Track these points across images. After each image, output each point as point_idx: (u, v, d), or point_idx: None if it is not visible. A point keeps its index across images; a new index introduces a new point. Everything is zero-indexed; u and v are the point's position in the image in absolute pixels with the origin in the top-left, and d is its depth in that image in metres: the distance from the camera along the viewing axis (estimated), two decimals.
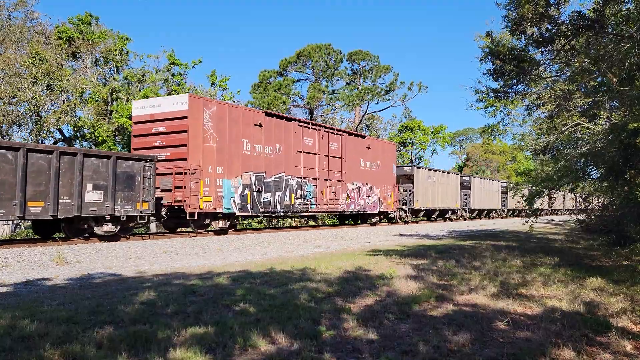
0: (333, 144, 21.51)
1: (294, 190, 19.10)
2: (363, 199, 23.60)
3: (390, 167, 26.23)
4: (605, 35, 9.34)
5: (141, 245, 12.41)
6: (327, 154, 21.09)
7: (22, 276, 7.81)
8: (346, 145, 22.36)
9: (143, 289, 6.32)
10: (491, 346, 4.32)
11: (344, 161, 22.16)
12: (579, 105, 12.48)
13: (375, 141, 25.77)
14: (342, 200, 21.83)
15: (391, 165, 26.39)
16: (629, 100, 9.51)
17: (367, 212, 24.12)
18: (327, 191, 20.81)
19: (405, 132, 58.13)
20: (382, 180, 25.35)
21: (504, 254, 11.14)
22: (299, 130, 19.65)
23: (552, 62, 11.15)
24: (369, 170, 24.24)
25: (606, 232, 15.04)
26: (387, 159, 26.11)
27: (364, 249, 13.00)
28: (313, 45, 41.47)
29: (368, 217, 25.26)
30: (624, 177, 11.02)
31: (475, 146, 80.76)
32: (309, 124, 20.57)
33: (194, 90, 31.12)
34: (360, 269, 8.38)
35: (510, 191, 19.16)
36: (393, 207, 26.24)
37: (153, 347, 3.96)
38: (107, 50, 28.60)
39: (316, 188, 20.23)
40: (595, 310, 5.64)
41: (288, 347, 4.10)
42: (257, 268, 8.46)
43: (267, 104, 37.26)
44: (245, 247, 13.27)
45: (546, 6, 9.02)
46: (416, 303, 5.82)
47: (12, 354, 3.75)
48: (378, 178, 24.91)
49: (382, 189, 25.33)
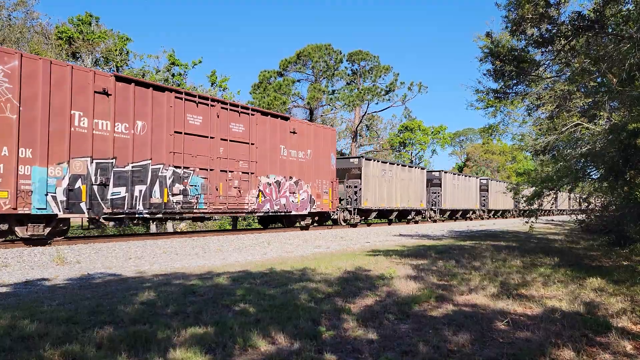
0: (236, 125, 16.65)
1: (167, 184, 14.34)
2: (285, 197, 18.75)
3: (327, 157, 21.14)
4: (605, 36, 9.35)
5: (141, 245, 12.41)
6: (227, 138, 16.19)
7: (22, 276, 7.80)
8: (258, 128, 17.51)
9: (143, 289, 6.32)
10: (491, 346, 4.33)
11: (253, 148, 17.27)
12: (579, 106, 12.49)
13: (304, 125, 20.28)
14: (250, 198, 17.06)
15: (329, 156, 21.27)
16: (629, 101, 9.52)
17: (292, 212, 19.25)
18: (226, 186, 16.10)
19: (405, 132, 58.17)
20: (316, 173, 20.34)
21: (504, 254, 11.14)
22: (179, 105, 14.76)
23: (552, 62, 11.16)
24: (294, 160, 19.25)
25: (606, 233, 15.05)
26: (323, 147, 20.99)
27: (363, 249, 13.00)
28: (313, 45, 41.52)
29: (295, 219, 20.71)
30: (624, 177, 11.02)
31: (475, 146, 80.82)
32: (195, 97, 15.35)
33: (194, 90, 31.15)
34: (360, 269, 8.38)
35: (510, 192, 19.12)
36: (331, 206, 21.26)
37: (153, 347, 3.96)
38: (107, 50, 28.62)
39: (207, 182, 15.48)
40: (595, 311, 5.64)
41: (288, 347, 4.10)
42: (257, 268, 8.46)
43: (267, 104, 37.27)
44: (245, 247, 13.27)
45: (546, 7, 9.03)
46: (416, 303, 5.82)
47: (12, 354, 3.75)
48: (309, 171, 19.94)
49: (316, 184, 20.35)
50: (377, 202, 25.94)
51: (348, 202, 24.34)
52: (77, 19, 29.14)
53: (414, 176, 30.36)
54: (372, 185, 25.60)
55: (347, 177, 24.86)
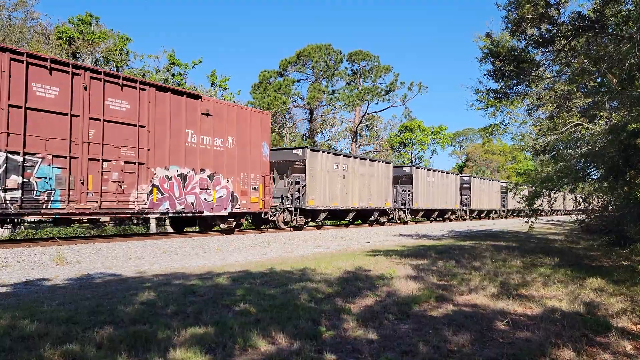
0: (117, 101, 12.97)
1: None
2: (194, 194, 15.03)
3: (258, 146, 17.35)
4: (605, 36, 9.35)
5: (141, 245, 12.41)
6: (101, 118, 12.53)
7: (22, 276, 7.81)
8: (153, 107, 13.85)
9: (143, 289, 6.32)
10: (491, 346, 4.33)
11: (144, 132, 13.62)
12: (579, 106, 12.49)
13: (224, 106, 16.21)
14: (139, 195, 13.42)
15: (259, 145, 17.44)
16: (628, 101, 9.52)
17: (205, 213, 15.42)
18: (98, 179, 12.46)
19: (405, 132, 58.19)
20: (241, 166, 16.62)
21: (504, 254, 11.15)
22: (18, 70, 11.02)
23: (552, 62, 11.17)
24: (208, 149, 15.54)
25: (606, 233, 15.05)
26: (252, 134, 17.08)
27: (363, 249, 13.00)
28: (313, 45, 41.57)
29: (213, 222, 17.05)
30: (624, 177, 11.03)
31: (475, 146, 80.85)
32: (46, 61, 11.55)
33: (194, 90, 31.16)
34: (360, 269, 8.38)
35: (510, 192, 19.10)
36: (263, 205, 17.43)
37: (153, 347, 3.96)
38: (107, 50, 28.63)
39: (67, 173, 11.77)
40: (595, 311, 5.64)
41: (288, 347, 4.10)
42: (257, 268, 8.46)
43: (267, 104, 37.28)
44: (245, 247, 13.27)
45: (546, 7, 9.04)
46: (416, 303, 5.82)
47: (12, 354, 3.75)
48: (230, 162, 16.19)
49: (240, 179, 16.61)
50: (326, 201, 22.03)
51: (289, 201, 20.42)
52: (77, 19, 29.15)
53: (378, 171, 26.23)
54: (321, 182, 21.72)
55: (290, 172, 21.18)
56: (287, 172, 21.19)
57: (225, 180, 16.12)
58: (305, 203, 20.40)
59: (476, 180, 40.79)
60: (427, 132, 59.82)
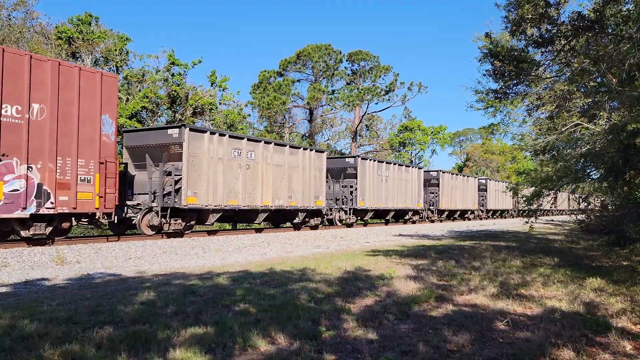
0: None
1: None
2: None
3: (94, 121, 12.62)
4: (605, 36, 9.35)
5: (141, 245, 12.41)
6: None
7: (22, 276, 7.80)
8: None
9: (143, 289, 6.32)
10: (491, 346, 4.33)
11: None
12: (579, 106, 12.49)
13: (24, 59, 11.34)
14: None
15: (97, 118, 12.70)
16: (628, 101, 9.52)
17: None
18: None
19: (405, 132, 58.16)
20: (61, 147, 11.87)
21: (503, 254, 11.15)
22: None
23: (552, 62, 11.17)
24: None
25: (606, 233, 15.06)
26: (82, 103, 12.34)
27: (363, 249, 13.00)
28: (313, 45, 41.57)
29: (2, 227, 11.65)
30: (623, 177, 11.03)
31: (475, 146, 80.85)
32: None
33: (194, 90, 31.15)
34: (360, 269, 8.38)
35: (509, 191, 19.03)
36: (99, 204, 12.62)
37: (153, 347, 3.96)
38: (107, 50, 28.62)
39: None
40: (595, 311, 5.65)
41: (288, 347, 4.10)
42: (256, 268, 8.46)
43: (267, 104, 37.28)
44: (244, 247, 13.27)
45: (546, 7, 9.03)
46: (416, 303, 5.82)
47: (11, 354, 3.75)
48: (35, 141, 11.38)
49: (56, 166, 11.79)
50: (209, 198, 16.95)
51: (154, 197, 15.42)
52: (77, 18, 29.14)
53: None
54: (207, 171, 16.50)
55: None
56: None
57: (23, 167, 11.20)
58: (181, 201, 15.55)
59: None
60: (427, 132, 59.80)
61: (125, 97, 27.84)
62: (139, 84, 29.07)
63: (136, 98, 27.66)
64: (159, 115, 29.49)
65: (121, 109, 26.42)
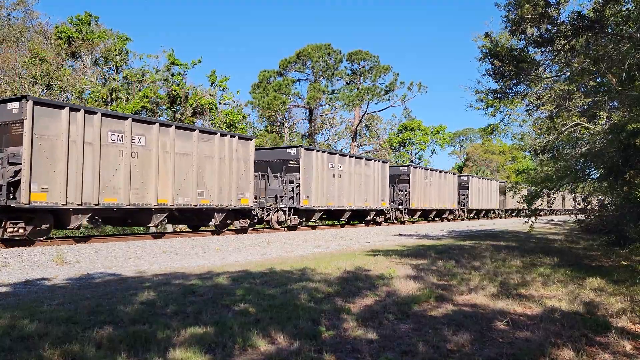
0: None
1: None
2: None
3: None
4: (605, 36, 9.35)
5: (141, 245, 12.41)
6: None
7: (22, 276, 7.80)
8: None
9: (143, 289, 6.32)
10: (491, 346, 4.33)
11: None
12: (579, 106, 12.49)
13: None
14: None
15: None
16: (628, 101, 9.52)
17: None
18: None
19: (405, 132, 58.15)
20: None
21: (503, 254, 11.15)
22: None
23: (552, 62, 11.17)
24: None
25: (606, 232, 15.07)
26: None
27: (363, 249, 13.00)
28: (313, 45, 41.59)
29: None
30: (623, 177, 11.04)
31: (475, 146, 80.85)
32: None
33: (194, 89, 31.15)
34: (359, 269, 8.38)
35: (509, 191, 19.02)
36: None
37: (153, 347, 3.96)
38: (106, 50, 28.64)
39: None
40: (594, 311, 5.64)
41: (288, 347, 4.10)
42: (256, 268, 8.46)
43: (266, 104, 37.29)
44: (244, 247, 13.27)
45: (546, 6, 9.03)
46: (416, 303, 5.82)
47: (11, 354, 3.74)
48: None
49: None
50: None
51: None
52: (77, 18, 29.15)
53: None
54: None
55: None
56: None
57: None
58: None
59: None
60: (426, 131, 59.78)
61: (125, 97, 27.83)
62: (139, 83, 29.07)
63: (136, 98, 27.66)
64: (159, 115, 29.50)
65: (121, 109, 26.43)
